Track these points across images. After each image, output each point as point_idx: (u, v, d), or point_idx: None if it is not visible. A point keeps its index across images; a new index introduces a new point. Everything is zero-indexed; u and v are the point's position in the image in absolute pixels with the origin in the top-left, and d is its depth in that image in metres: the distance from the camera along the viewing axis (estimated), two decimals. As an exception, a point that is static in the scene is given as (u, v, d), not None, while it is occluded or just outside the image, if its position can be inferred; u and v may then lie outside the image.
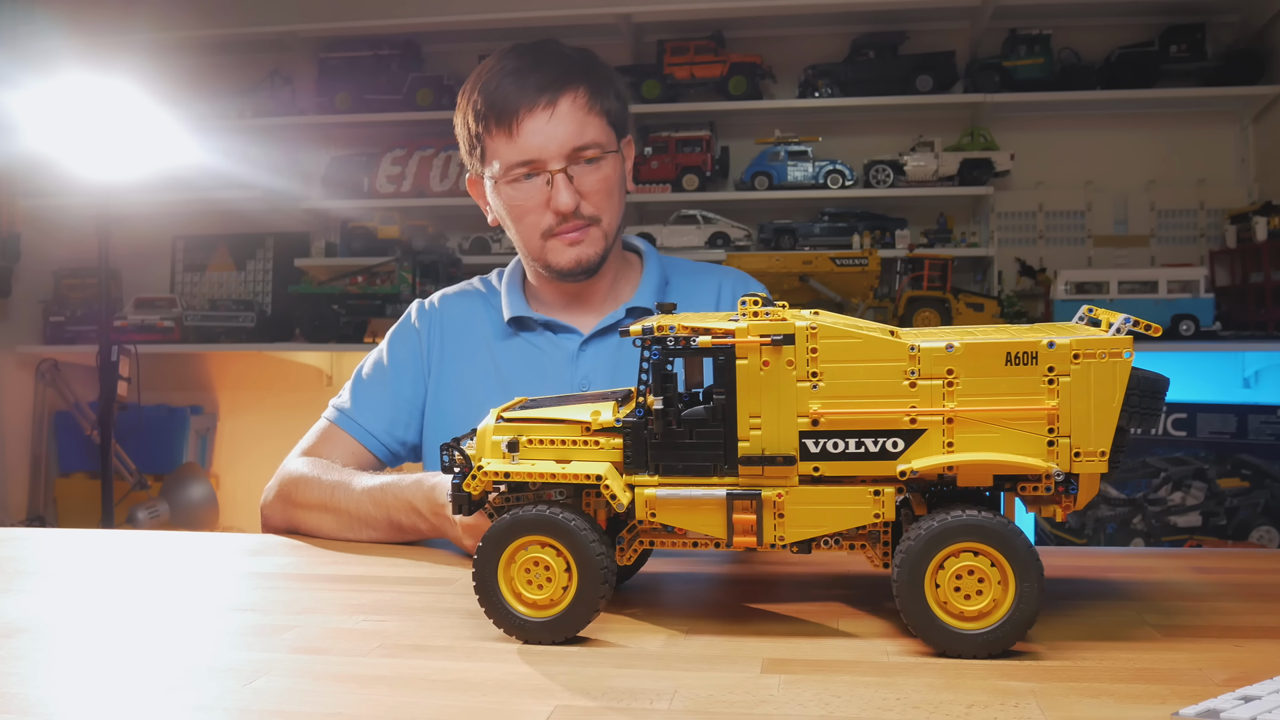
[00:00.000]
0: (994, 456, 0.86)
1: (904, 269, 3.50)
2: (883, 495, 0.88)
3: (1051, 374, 0.86)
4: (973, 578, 0.85)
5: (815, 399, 0.88)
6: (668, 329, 0.91)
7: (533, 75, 1.49)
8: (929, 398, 0.87)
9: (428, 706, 0.75)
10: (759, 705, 0.74)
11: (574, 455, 0.93)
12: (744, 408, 0.89)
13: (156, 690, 0.79)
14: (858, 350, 0.88)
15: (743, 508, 0.89)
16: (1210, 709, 0.69)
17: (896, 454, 0.88)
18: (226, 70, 4.14)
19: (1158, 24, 3.68)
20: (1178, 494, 3.28)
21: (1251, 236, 3.42)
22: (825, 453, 0.88)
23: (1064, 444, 0.86)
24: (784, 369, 0.88)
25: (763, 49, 3.92)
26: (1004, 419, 0.87)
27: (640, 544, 0.98)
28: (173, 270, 4.32)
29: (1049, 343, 0.86)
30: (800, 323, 0.89)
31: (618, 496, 0.90)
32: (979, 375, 0.87)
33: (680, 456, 0.90)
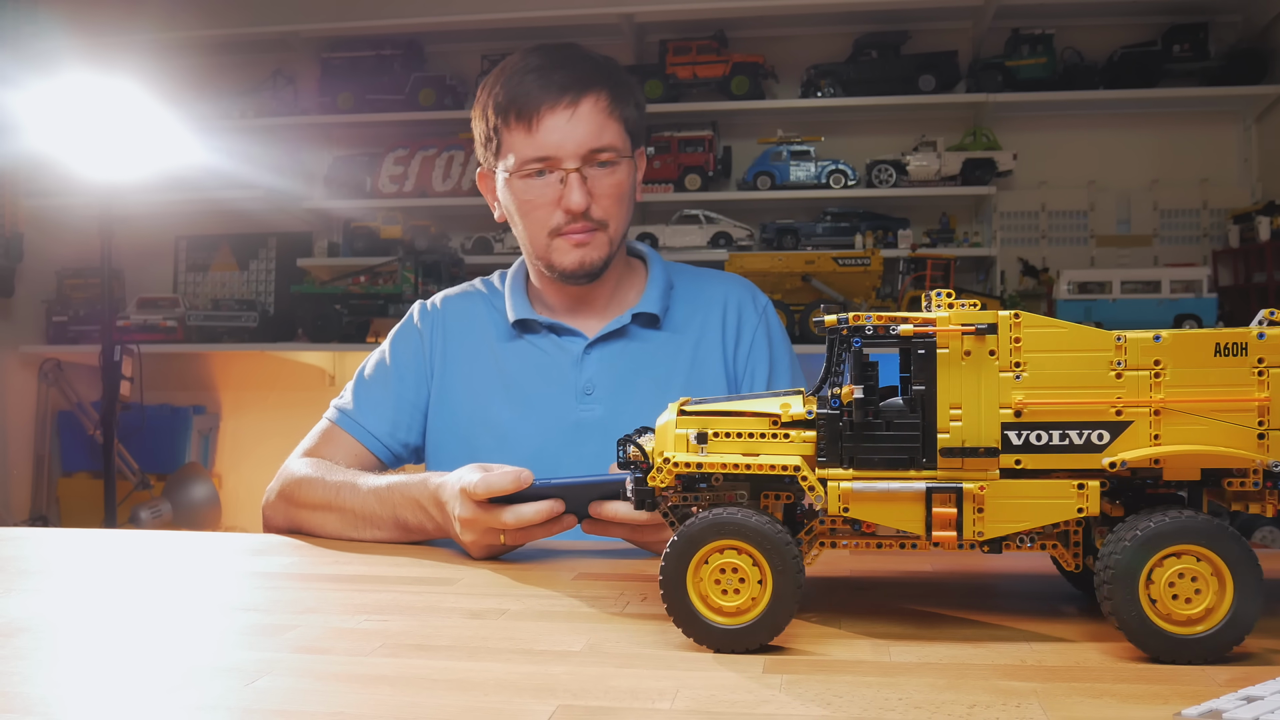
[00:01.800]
0: (1204, 448, 0.84)
1: (906, 269, 3.50)
2: (1086, 489, 0.86)
3: (1262, 365, 0.85)
4: (1187, 580, 0.82)
5: (1018, 389, 0.87)
6: (863, 318, 0.89)
7: (557, 74, 1.49)
8: (1136, 389, 0.86)
9: (430, 706, 0.75)
10: (761, 705, 0.74)
11: (762, 449, 0.90)
12: (944, 398, 0.87)
13: (159, 690, 0.79)
14: (1062, 340, 0.87)
15: (942, 501, 0.87)
16: (1213, 709, 0.69)
17: (1102, 446, 0.86)
18: (229, 70, 4.15)
19: (1160, 24, 3.68)
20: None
21: (1255, 236, 3.42)
22: (1028, 445, 0.87)
23: (1275, 436, 0.84)
24: (986, 359, 0.87)
25: (765, 49, 3.92)
26: (1213, 410, 0.85)
27: (823, 544, 0.95)
28: (175, 270, 4.32)
29: (1259, 333, 0.85)
30: (1003, 312, 0.87)
31: (815, 488, 0.88)
32: (1187, 366, 0.85)
33: (876, 449, 0.88)
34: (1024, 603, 1.04)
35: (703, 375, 1.64)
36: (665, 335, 1.64)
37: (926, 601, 1.04)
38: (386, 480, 1.41)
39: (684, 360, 1.63)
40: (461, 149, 3.99)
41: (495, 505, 1.20)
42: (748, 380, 1.66)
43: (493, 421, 1.60)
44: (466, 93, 4.09)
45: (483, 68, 4.00)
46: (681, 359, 1.64)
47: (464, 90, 4.07)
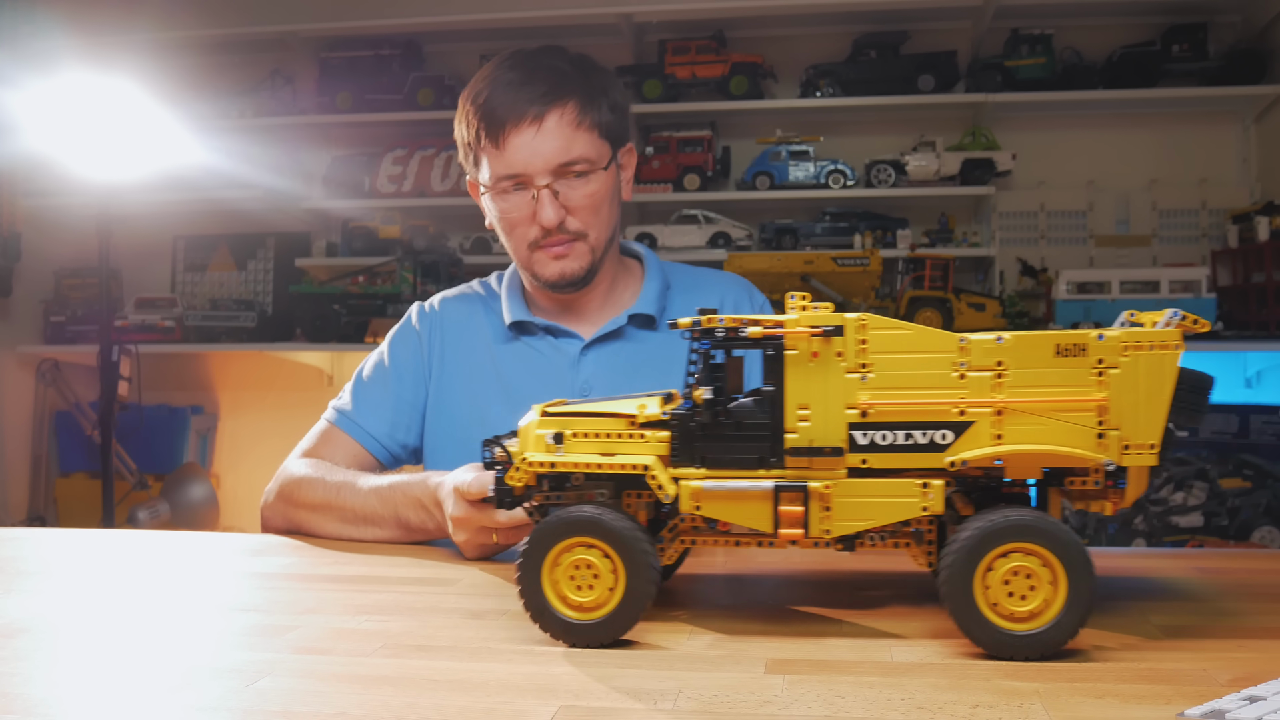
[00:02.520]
0: (1042, 448, 0.86)
1: (905, 269, 3.50)
2: (931, 488, 0.87)
3: (1101, 366, 0.86)
4: (1022, 578, 0.84)
5: (864, 390, 0.88)
6: (716, 321, 0.90)
7: (524, 89, 1.48)
8: (978, 389, 0.87)
9: (432, 707, 0.75)
10: (763, 706, 0.74)
11: (619, 449, 0.92)
12: (792, 399, 0.89)
13: (159, 690, 0.78)
14: (907, 342, 0.88)
15: (790, 499, 0.88)
16: (1215, 709, 0.69)
17: (945, 446, 0.87)
18: (227, 70, 4.14)
19: (1160, 24, 3.68)
20: (1179, 494, 3.28)
21: (1253, 236, 3.42)
22: (874, 444, 0.88)
23: (1113, 436, 0.86)
24: (833, 360, 0.88)
25: (764, 49, 3.92)
26: (1054, 410, 0.86)
27: (681, 543, 0.97)
28: (173, 270, 4.32)
29: (1098, 335, 0.86)
30: (850, 314, 0.89)
31: (664, 487, 0.89)
32: (1028, 367, 0.87)
33: (727, 449, 0.90)
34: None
35: None
36: (662, 335, 1.64)
37: (927, 602, 1.04)
38: (388, 480, 1.42)
39: (681, 359, 1.62)
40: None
41: (488, 505, 1.21)
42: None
43: (490, 423, 1.59)
44: (465, 93, 4.08)
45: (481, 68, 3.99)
46: (678, 358, 1.62)
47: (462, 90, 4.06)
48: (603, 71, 1.59)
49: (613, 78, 1.60)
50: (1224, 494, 3.24)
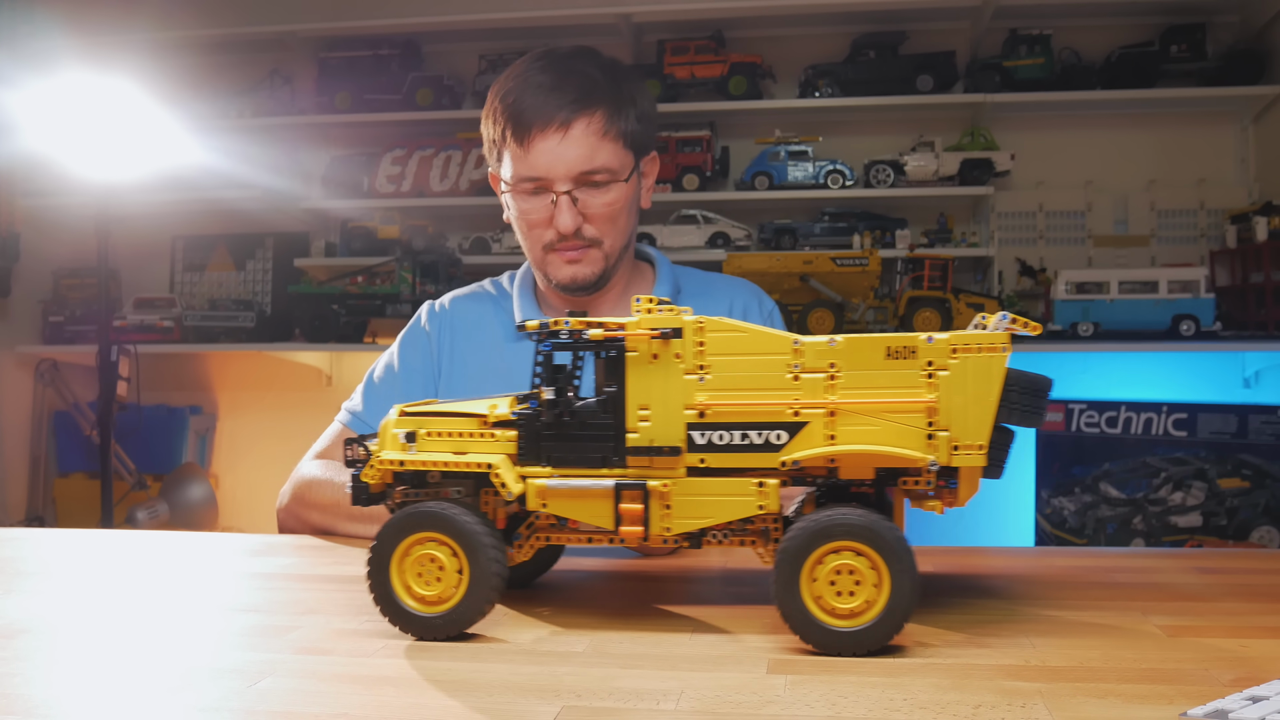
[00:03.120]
0: (872, 448, 0.87)
1: (904, 269, 3.50)
2: (766, 487, 0.89)
3: (930, 368, 0.88)
4: (848, 576, 0.85)
5: (702, 391, 0.90)
6: (562, 324, 0.93)
7: (553, 94, 1.49)
8: (812, 391, 0.89)
9: (434, 708, 0.74)
10: (766, 706, 0.74)
11: (471, 447, 0.94)
12: (633, 400, 0.91)
13: (159, 691, 0.78)
14: (743, 344, 0.90)
15: (630, 498, 0.90)
16: (1218, 709, 0.69)
17: (780, 446, 0.89)
18: (226, 70, 4.14)
19: (1158, 24, 3.68)
20: (1178, 494, 3.28)
21: (1252, 236, 3.42)
22: (711, 444, 0.90)
23: (943, 437, 0.87)
24: (672, 362, 0.90)
25: (763, 49, 3.92)
26: (884, 412, 0.88)
27: (539, 540, 0.98)
28: (172, 270, 4.31)
29: (927, 337, 0.88)
30: (688, 317, 0.90)
31: (507, 485, 0.91)
32: (861, 369, 0.89)
33: (571, 448, 0.92)
34: (1024, 603, 1.04)
35: None
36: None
37: (927, 602, 1.04)
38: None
39: None
40: (459, 149, 3.99)
41: None
42: None
43: None
44: (464, 93, 4.08)
45: (480, 68, 4.00)
46: None
47: (461, 90, 4.06)
48: (633, 80, 1.59)
49: (642, 87, 1.60)
50: (1223, 494, 3.24)
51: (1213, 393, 3.59)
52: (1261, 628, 0.94)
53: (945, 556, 1.30)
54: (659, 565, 1.26)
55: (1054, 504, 3.48)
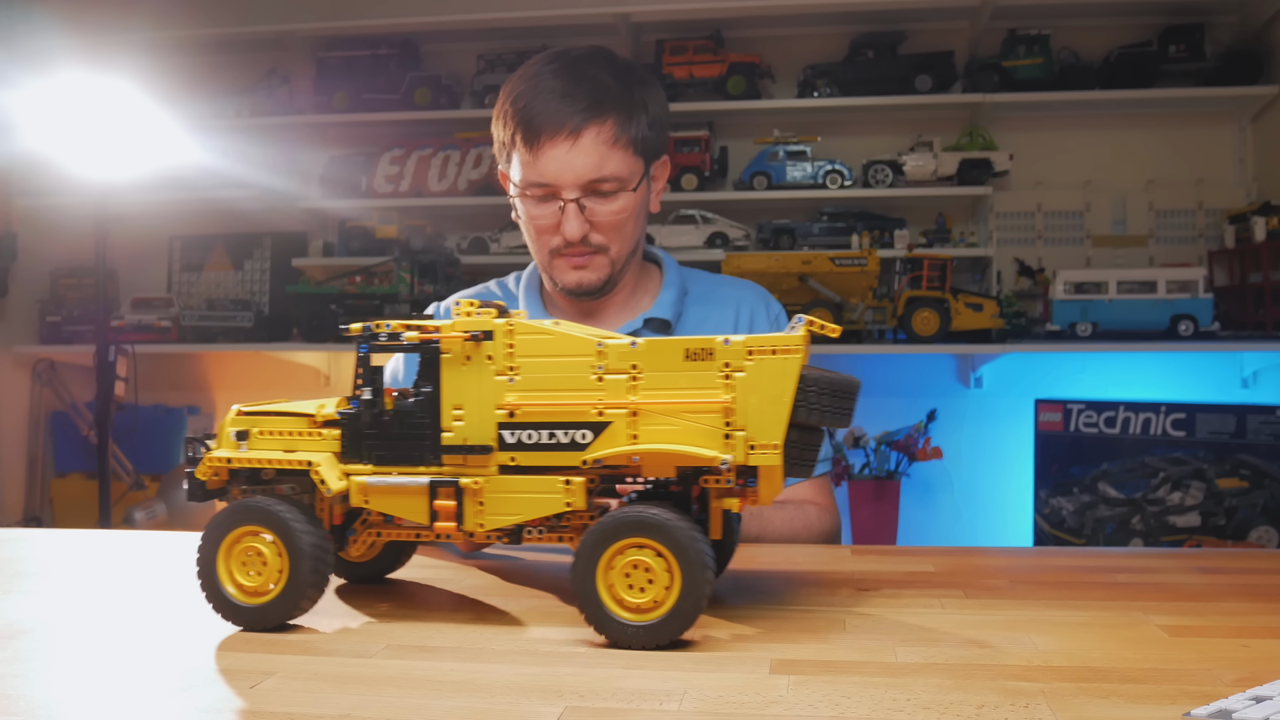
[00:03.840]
0: (669, 447, 0.90)
1: (903, 269, 3.50)
2: (573, 485, 0.92)
3: (727, 369, 0.90)
4: (641, 571, 0.87)
5: (511, 391, 0.93)
6: (382, 326, 0.96)
7: (564, 101, 1.48)
8: (615, 391, 0.92)
9: (438, 708, 0.74)
10: (769, 706, 0.74)
11: (300, 445, 0.98)
12: (448, 400, 0.94)
13: (160, 692, 0.78)
14: (550, 346, 0.93)
15: (444, 494, 0.94)
16: (1222, 709, 0.69)
17: (586, 445, 0.92)
18: (224, 69, 4.13)
19: (1156, 24, 3.68)
20: (1177, 494, 3.29)
21: (1250, 236, 3.42)
22: (521, 443, 0.93)
23: (739, 436, 0.89)
24: (484, 363, 0.94)
25: (761, 49, 3.92)
26: (683, 412, 0.90)
27: (370, 535, 1.01)
28: (169, 270, 4.31)
29: (724, 339, 0.90)
30: (498, 320, 0.94)
31: (327, 482, 0.95)
32: (661, 370, 0.91)
33: (391, 446, 0.96)
34: (1025, 603, 1.04)
35: None
36: None
37: (929, 602, 1.04)
38: None
39: None
40: (458, 149, 3.98)
41: None
42: None
43: None
44: (462, 93, 4.08)
45: (479, 67, 3.99)
46: None
47: (460, 90, 4.06)
48: (646, 84, 1.58)
49: (656, 91, 1.59)
50: (1221, 494, 3.24)
51: (1211, 393, 3.59)
52: (1263, 628, 0.94)
53: (946, 557, 1.30)
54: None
55: (1052, 504, 3.48)
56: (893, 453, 3.64)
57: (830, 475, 1.73)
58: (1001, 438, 3.79)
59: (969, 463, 3.84)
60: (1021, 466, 3.62)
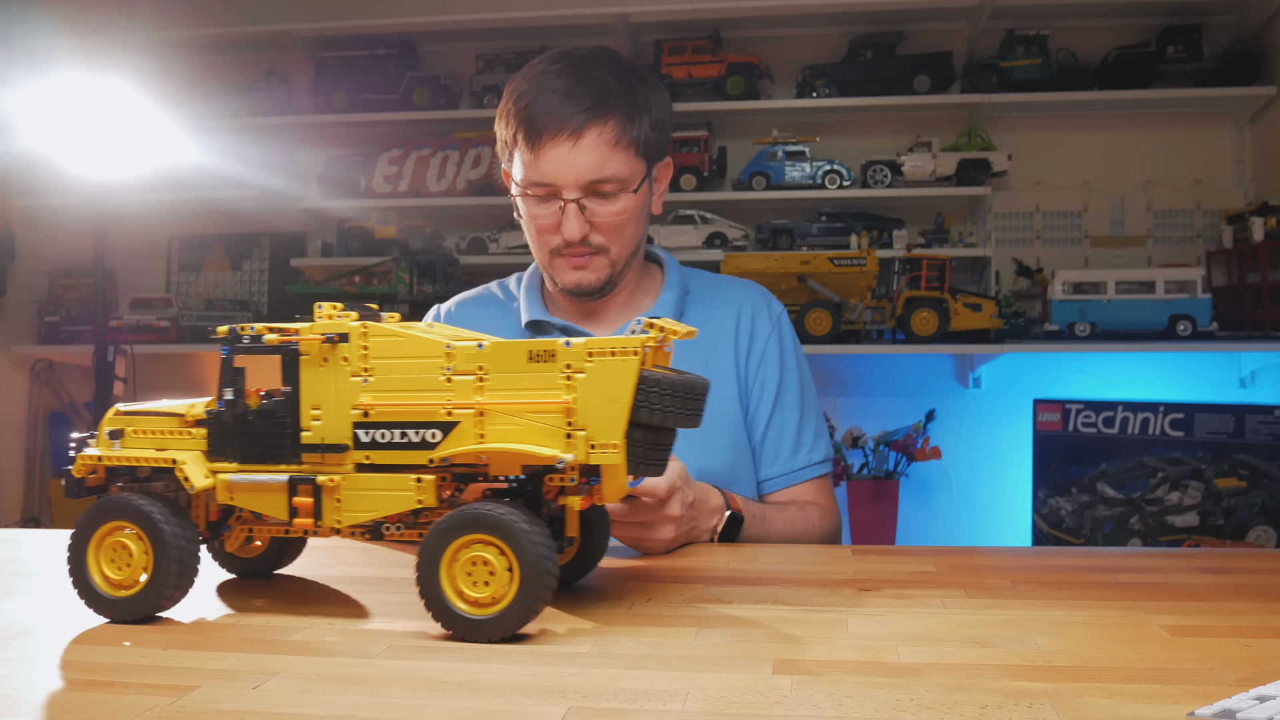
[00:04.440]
0: (511, 446, 0.92)
1: (902, 269, 3.50)
2: (424, 482, 0.94)
3: (568, 371, 0.92)
4: (482, 567, 0.90)
5: (366, 392, 0.96)
6: (247, 329, 0.99)
7: (567, 101, 1.48)
8: (463, 392, 0.94)
9: (443, 709, 0.74)
10: (773, 707, 0.74)
11: (170, 444, 1.01)
12: (306, 400, 0.97)
13: (163, 694, 0.78)
14: (402, 347, 0.96)
15: (303, 491, 0.97)
16: (1226, 709, 0.69)
17: (435, 444, 0.94)
18: (222, 69, 4.13)
19: (1155, 25, 3.69)
20: (1175, 494, 3.29)
21: (1248, 237, 3.43)
22: (375, 442, 0.96)
23: (580, 436, 0.91)
24: (340, 365, 0.96)
25: (760, 49, 3.92)
26: (527, 412, 0.92)
27: (243, 530, 1.05)
28: (168, 270, 4.30)
29: (565, 342, 0.92)
30: (354, 323, 0.96)
31: (190, 479, 0.98)
32: (506, 371, 0.94)
33: (254, 444, 0.99)
34: (1026, 603, 1.04)
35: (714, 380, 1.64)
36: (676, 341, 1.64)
37: (931, 602, 1.04)
38: None
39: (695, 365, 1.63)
40: (456, 149, 3.98)
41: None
42: (758, 387, 1.67)
43: None
44: (461, 93, 4.08)
45: (477, 68, 3.99)
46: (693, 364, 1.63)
47: (458, 90, 4.06)
48: (650, 85, 1.58)
49: (660, 92, 1.59)
50: (1219, 494, 3.25)
51: (1209, 393, 3.60)
52: (1265, 628, 0.94)
53: (947, 556, 1.30)
54: (658, 565, 1.26)
55: (1051, 504, 3.49)
56: (891, 453, 3.64)
57: (831, 476, 1.73)
58: (1000, 438, 3.80)
59: (968, 463, 3.84)
60: (1020, 466, 3.62)
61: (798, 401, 1.68)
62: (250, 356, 1.00)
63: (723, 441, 1.63)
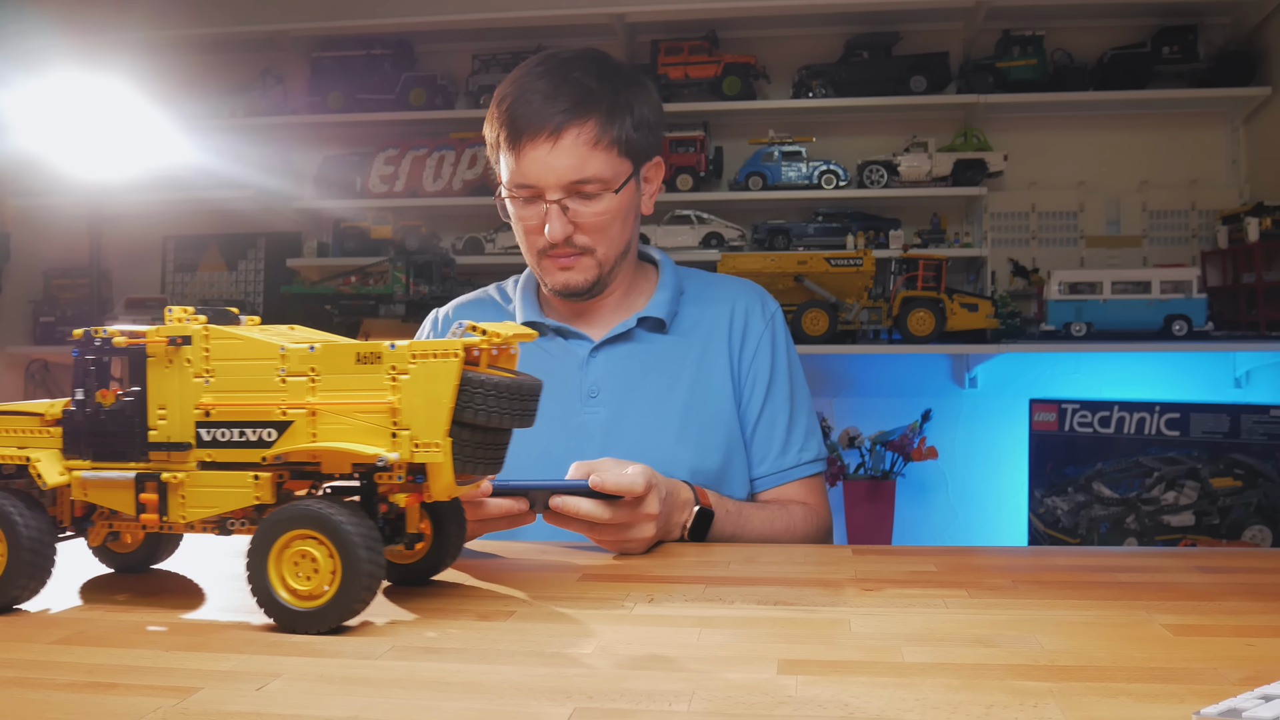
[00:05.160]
0: (339, 445, 0.96)
1: (898, 269, 3.51)
2: (261, 480, 0.98)
3: (394, 372, 0.95)
4: (307, 561, 0.93)
5: (207, 393, 1.00)
6: (100, 332, 1.03)
7: (547, 102, 1.48)
8: (296, 393, 0.98)
9: (447, 710, 0.74)
10: (779, 706, 0.74)
11: (31, 443, 1.05)
12: (153, 400, 1.01)
13: (166, 697, 0.78)
14: (240, 349, 1.00)
15: (149, 488, 1.01)
16: (1232, 708, 0.69)
17: (271, 443, 0.98)
18: (218, 69, 4.12)
19: (1150, 25, 3.70)
20: (1171, 493, 3.30)
21: (1243, 237, 3.43)
22: (216, 441, 1.00)
23: (404, 435, 0.95)
24: (184, 366, 1.01)
25: (757, 49, 3.92)
26: (356, 412, 0.96)
27: (104, 525, 1.08)
28: (163, 270, 4.29)
29: (390, 344, 0.96)
30: (196, 326, 1.01)
31: (44, 476, 1.02)
32: (336, 373, 0.97)
33: (106, 443, 1.03)
34: (1028, 602, 1.04)
35: (708, 378, 1.65)
36: (672, 339, 1.66)
37: (933, 601, 1.04)
38: None
39: (690, 364, 1.65)
40: (452, 149, 3.98)
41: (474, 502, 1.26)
42: (749, 385, 1.67)
43: None
44: (457, 93, 4.07)
45: (473, 68, 3.99)
46: (688, 363, 1.65)
47: (454, 90, 4.06)
48: (634, 85, 1.58)
49: (644, 92, 1.59)
50: (1215, 493, 3.25)
51: (1204, 393, 3.60)
52: (1267, 627, 0.95)
53: (947, 556, 1.31)
54: (658, 565, 1.26)
55: (1047, 503, 3.49)
56: (888, 453, 3.65)
57: (824, 476, 1.73)
58: (996, 437, 3.80)
59: (964, 462, 3.85)
60: (1016, 466, 3.63)
61: (788, 400, 1.68)
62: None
63: (718, 440, 1.63)
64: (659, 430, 1.59)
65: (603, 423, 1.59)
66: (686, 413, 1.61)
